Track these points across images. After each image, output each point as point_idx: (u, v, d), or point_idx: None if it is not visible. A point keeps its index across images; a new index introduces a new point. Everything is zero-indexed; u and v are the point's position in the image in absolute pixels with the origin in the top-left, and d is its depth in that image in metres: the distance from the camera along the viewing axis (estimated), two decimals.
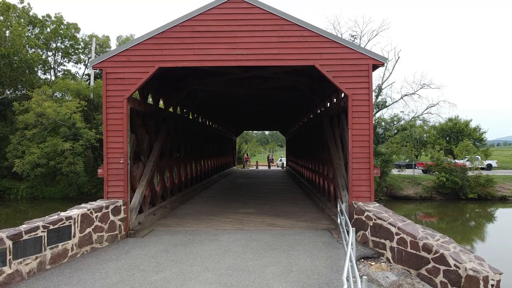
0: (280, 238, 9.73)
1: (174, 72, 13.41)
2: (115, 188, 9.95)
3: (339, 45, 9.81)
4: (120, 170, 9.94)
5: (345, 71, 9.80)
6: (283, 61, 9.91)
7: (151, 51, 9.96)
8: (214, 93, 16.83)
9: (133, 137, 11.39)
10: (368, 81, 9.76)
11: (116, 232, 9.52)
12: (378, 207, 9.29)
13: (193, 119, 20.18)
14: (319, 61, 9.82)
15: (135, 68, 9.96)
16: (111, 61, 9.99)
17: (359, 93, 9.78)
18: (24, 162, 28.26)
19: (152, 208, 12.48)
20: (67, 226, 8.10)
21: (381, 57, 9.81)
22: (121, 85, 9.95)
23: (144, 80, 10.00)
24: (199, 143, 21.41)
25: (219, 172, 29.45)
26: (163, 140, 13.64)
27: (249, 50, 9.83)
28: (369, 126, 9.75)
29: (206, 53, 9.90)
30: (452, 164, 34.43)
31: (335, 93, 13.14)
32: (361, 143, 9.77)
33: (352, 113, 9.77)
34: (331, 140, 13.08)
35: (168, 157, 14.83)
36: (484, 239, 22.58)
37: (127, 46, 10.03)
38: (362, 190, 9.77)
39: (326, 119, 14.05)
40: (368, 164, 9.77)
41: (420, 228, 7.99)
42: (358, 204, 9.46)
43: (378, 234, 8.60)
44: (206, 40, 9.90)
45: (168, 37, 9.95)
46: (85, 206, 9.02)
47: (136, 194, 10.99)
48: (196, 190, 19.12)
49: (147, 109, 11.98)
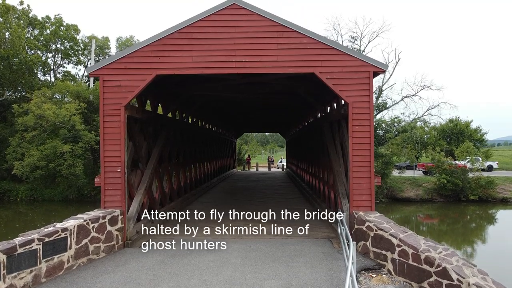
0: (279, 248, 9.60)
1: (173, 78, 13.28)
2: (112, 197, 9.82)
3: (339, 52, 9.68)
4: (117, 179, 9.81)
5: (345, 79, 9.67)
6: (282, 69, 9.78)
7: (149, 58, 9.83)
8: (213, 98, 16.71)
9: (131, 145, 11.26)
10: (369, 89, 9.63)
11: (113, 243, 9.39)
12: (379, 217, 9.16)
13: (193, 123, 20.06)
14: (319, 68, 9.68)
15: (132, 76, 9.83)
16: (108, 69, 9.86)
17: (359, 101, 9.65)
18: (23, 165, 28.21)
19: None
20: (63, 238, 7.97)
21: (382, 64, 9.68)
22: (118, 92, 9.82)
23: (142, 88, 9.87)
24: (199, 147, 21.29)
25: (219, 175, 29.32)
26: (161, 146, 13.51)
27: (248, 57, 9.69)
28: (370, 134, 9.62)
29: (205, 60, 9.77)
30: (453, 165, 34.22)
31: (335, 99, 13.00)
32: (361, 152, 9.64)
33: (352, 121, 9.64)
34: (331, 147, 12.94)
35: (167, 163, 14.70)
36: (485, 241, 22.34)
37: (124, 53, 9.90)
38: (363, 199, 9.64)
39: (326, 124, 13.92)
40: (369, 173, 9.63)
41: (422, 240, 7.85)
42: (359, 214, 9.33)
43: (379, 245, 8.46)
44: (204, 47, 9.77)
45: (166, 44, 9.82)
46: (81, 216, 8.89)
47: (134, 203, 10.87)
48: (196, 194, 18.99)
49: (145, 116, 11.86)
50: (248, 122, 34.05)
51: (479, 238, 23.22)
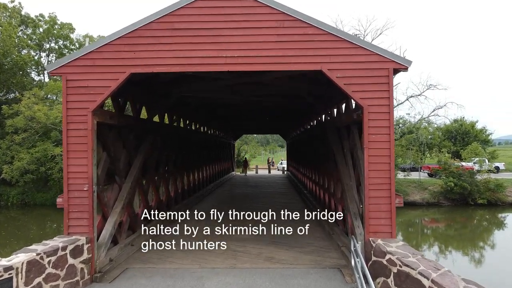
0: (280, 284, 7.89)
1: (159, 77, 11.60)
2: (77, 221, 8.12)
3: (352, 45, 7.97)
4: (83, 199, 8.11)
5: (360, 77, 7.96)
6: (283, 65, 8.07)
7: (121, 54, 8.12)
8: (207, 100, 15.01)
9: (105, 156, 9.57)
10: (388, 90, 7.92)
11: (76, 279, 7.68)
12: (403, 247, 7.45)
13: (185, 127, 18.34)
14: (327, 64, 7.98)
15: (102, 75, 8.13)
16: (73, 66, 8.16)
17: (377, 104, 7.94)
18: (13, 168, 26.93)
19: (130, 236, 10.66)
20: (7, 280, 6.28)
21: (404, 60, 7.96)
22: (85, 95, 8.12)
23: (114, 89, 8.16)
24: (192, 152, 19.57)
25: (216, 181, 27.61)
26: (145, 154, 11.82)
27: (241, 51, 7.98)
28: (389, 145, 7.92)
29: (189, 55, 8.06)
30: (460, 168, 32.98)
31: (343, 101, 11.30)
32: (379, 166, 7.94)
33: (368, 129, 7.93)
34: (339, 155, 11.24)
35: (153, 173, 13.02)
36: (494, 246, 21.41)
37: (92, 48, 8.19)
38: (381, 224, 7.93)
39: (333, 130, 12.21)
40: (389, 192, 7.93)
41: (462, 282, 6.16)
42: (377, 243, 7.63)
43: (405, 285, 6.77)
44: (189, 39, 8.06)
45: (143, 36, 8.11)
46: (35, 248, 7.18)
47: (107, 225, 9.17)
48: (188, 204, 17.26)
49: (123, 121, 10.15)
50: (247, 124, 32.27)
51: (488, 243, 22.39)
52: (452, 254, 20.13)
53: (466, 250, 20.71)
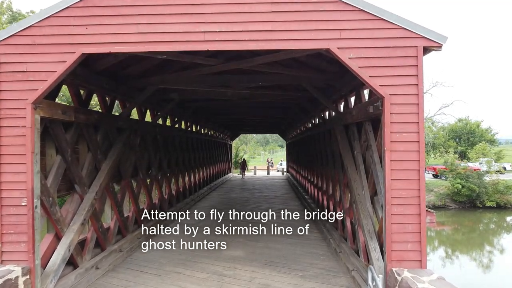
0: None
1: (132, 65, 9.78)
2: (12, 246, 6.25)
3: (370, 16, 6.10)
4: (21, 218, 6.24)
5: (379, 58, 6.10)
6: (279, 43, 6.18)
7: (69, 29, 6.25)
8: (193, 94, 13.12)
9: (59, 161, 7.71)
10: (417, 74, 6.05)
11: None
12: (439, 282, 5.58)
13: (171, 126, 16.47)
14: (336, 41, 6.12)
15: (44, 56, 6.26)
16: (7, 45, 6.29)
17: (401, 94, 6.08)
18: None
19: (96, 257, 8.76)
20: None
21: (437, 36, 6.08)
22: (23, 82, 6.26)
23: (61, 74, 6.29)
24: (180, 154, 17.69)
25: (210, 184, 25.70)
26: (117, 157, 9.96)
27: (224, 25, 6.11)
28: (419, 147, 6.05)
29: (157, 30, 6.19)
30: (468, 169, 31.77)
31: (352, 92, 9.46)
32: (405, 174, 6.07)
33: (390, 125, 6.07)
34: (348, 159, 9.37)
35: (129, 179, 11.16)
36: (503, 251, 20.69)
37: (31, 21, 6.31)
38: (408, 250, 6.06)
39: (340, 128, 10.35)
40: (418, 207, 6.06)
41: None
42: (403, 277, 5.75)
43: None
44: (156, 10, 6.20)
45: (97, 6, 6.24)
46: None
47: (59, 248, 7.29)
48: (176, 213, 15.36)
49: (82, 117, 8.26)
50: (243, 123, 30.31)
51: (498, 248, 21.70)
52: (459, 259, 19.45)
53: (474, 255, 20.15)
